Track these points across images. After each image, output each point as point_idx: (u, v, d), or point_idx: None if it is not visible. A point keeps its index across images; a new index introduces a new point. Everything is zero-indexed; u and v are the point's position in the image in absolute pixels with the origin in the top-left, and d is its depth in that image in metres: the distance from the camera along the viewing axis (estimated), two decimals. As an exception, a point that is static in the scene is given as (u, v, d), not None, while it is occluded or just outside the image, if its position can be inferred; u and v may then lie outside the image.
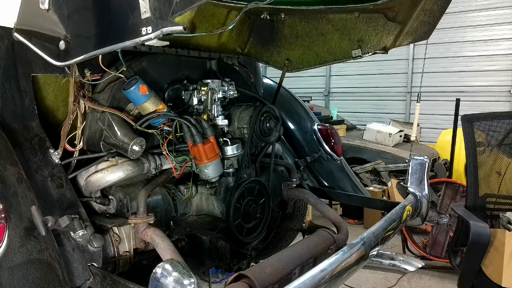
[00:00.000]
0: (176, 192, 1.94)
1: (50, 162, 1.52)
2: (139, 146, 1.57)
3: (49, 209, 1.41)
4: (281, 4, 1.87)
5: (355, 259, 1.54)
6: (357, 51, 2.06)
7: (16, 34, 1.44)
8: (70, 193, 1.51)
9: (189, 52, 1.95)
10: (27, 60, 1.52)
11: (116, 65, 1.61)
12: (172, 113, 1.68)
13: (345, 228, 1.91)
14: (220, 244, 1.82)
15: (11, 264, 1.23)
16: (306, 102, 4.37)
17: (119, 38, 1.09)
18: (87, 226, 1.44)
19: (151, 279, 1.05)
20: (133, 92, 1.55)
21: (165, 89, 1.80)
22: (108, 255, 1.59)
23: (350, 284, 3.27)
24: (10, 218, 1.26)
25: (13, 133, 1.48)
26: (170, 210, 1.90)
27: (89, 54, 1.19)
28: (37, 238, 1.29)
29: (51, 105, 1.67)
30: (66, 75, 1.58)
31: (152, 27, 1.00)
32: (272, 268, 1.38)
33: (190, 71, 1.90)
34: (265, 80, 2.86)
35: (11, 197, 1.30)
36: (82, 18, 1.22)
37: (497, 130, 2.41)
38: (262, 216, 2.14)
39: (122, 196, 1.70)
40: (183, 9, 0.94)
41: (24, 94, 1.53)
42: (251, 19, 2.24)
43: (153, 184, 1.73)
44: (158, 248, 1.54)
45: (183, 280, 1.01)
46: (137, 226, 1.67)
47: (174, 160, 1.76)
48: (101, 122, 1.60)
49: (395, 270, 3.65)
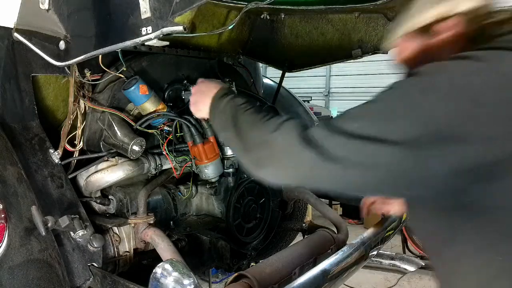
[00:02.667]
0: (176, 192, 1.94)
1: (50, 162, 1.52)
2: (139, 146, 1.57)
3: (49, 209, 1.41)
4: (281, 4, 1.86)
5: (355, 259, 1.55)
6: (357, 51, 2.06)
7: (16, 34, 1.44)
8: (70, 193, 1.52)
9: (189, 52, 1.95)
10: (27, 60, 1.52)
11: (116, 65, 1.61)
12: (172, 113, 1.68)
13: (345, 228, 1.91)
14: (220, 244, 1.82)
15: (11, 264, 1.23)
16: (306, 102, 4.37)
17: (119, 38, 1.09)
18: (87, 226, 1.44)
19: (151, 279, 1.05)
20: (133, 92, 1.55)
21: (165, 89, 1.80)
22: (108, 255, 1.59)
23: (350, 284, 3.27)
24: (10, 218, 1.26)
25: (13, 133, 1.48)
26: (170, 210, 1.90)
27: (89, 54, 1.18)
28: (37, 238, 1.29)
29: (51, 105, 1.67)
30: (66, 75, 1.57)
31: (152, 27, 1.00)
32: (272, 268, 1.38)
33: (190, 71, 1.90)
34: (265, 80, 2.86)
35: (11, 197, 1.30)
36: (82, 18, 1.22)
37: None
38: (262, 216, 2.14)
39: (122, 196, 1.70)
40: (183, 9, 0.94)
41: (24, 94, 1.52)
42: (251, 19, 2.24)
43: (153, 184, 1.73)
44: (158, 248, 1.54)
45: (183, 280, 1.01)
46: (137, 226, 1.67)
47: (174, 160, 1.76)
48: (101, 122, 1.60)
49: (395, 270, 3.67)
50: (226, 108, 1.08)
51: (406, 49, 1.00)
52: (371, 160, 0.76)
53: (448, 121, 0.71)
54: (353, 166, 0.77)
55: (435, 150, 0.71)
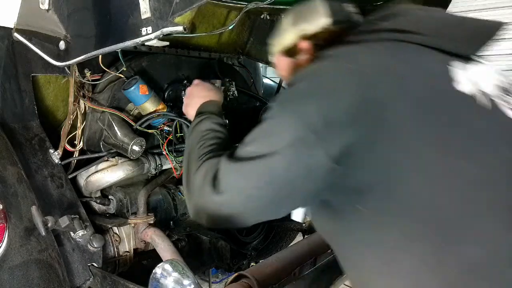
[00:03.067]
0: (176, 192, 1.94)
1: (50, 162, 1.52)
2: (139, 146, 1.57)
3: (49, 209, 1.41)
4: (281, 4, 1.86)
5: (355, 259, 1.54)
6: (357, 51, 2.06)
7: (16, 34, 1.44)
8: (70, 193, 1.52)
9: (189, 52, 1.95)
10: (27, 60, 1.52)
11: (116, 65, 1.61)
12: (172, 113, 1.68)
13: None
14: (220, 244, 1.82)
15: (11, 264, 1.23)
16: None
17: (119, 38, 1.09)
18: (87, 226, 1.44)
19: (151, 279, 1.05)
20: (133, 92, 1.55)
21: (165, 89, 1.80)
22: (108, 255, 1.59)
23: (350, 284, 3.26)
24: (10, 218, 1.26)
25: (13, 133, 1.48)
26: (170, 210, 1.90)
27: (89, 54, 1.18)
28: (37, 238, 1.29)
29: (51, 105, 1.67)
30: (66, 75, 1.57)
31: (152, 27, 1.00)
32: (272, 268, 1.38)
33: (190, 71, 1.90)
34: (265, 80, 2.86)
35: (11, 197, 1.30)
36: (82, 18, 1.22)
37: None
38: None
39: (122, 196, 1.70)
40: (183, 9, 0.94)
41: (24, 94, 1.53)
42: (251, 19, 2.24)
43: (153, 184, 1.73)
44: (158, 248, 1.55)
45: (183, 280, 1.01)
46: (137, 226, 1.67)
47: (174, 160, 1.76)
48: (101, 122, 1.60)
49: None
50: (192, 132, 1.11)
51: (281, 65, 1.12)
52: (266, 176, 0.79)
53: (315, 117, 0.76)
54: (252, 188, 0.80)
55: (314, 146, 0.75)
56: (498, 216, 0.71)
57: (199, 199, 0.88)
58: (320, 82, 0.82)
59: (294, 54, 1.07)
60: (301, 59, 1.06)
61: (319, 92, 0.80)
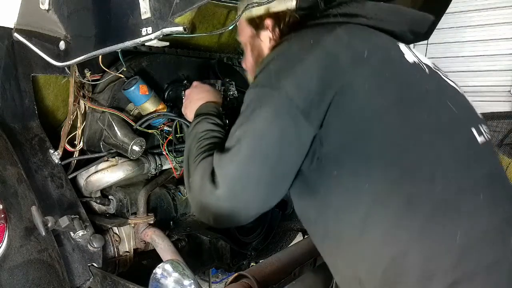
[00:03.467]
0: (176, 192, 1.94)
1: (50, 162, 1.52)
2: (139, 146, 1.57)
3: (49, 209, 1.41)
4: (281, 4, 1.86)
5: (355, 259, 1.54)
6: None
7: (16, 34, 1.44)
8: (70, 193, 1.52)
9: (189, 52, 1.95)
10: (27, 60, 1.52)
11: (116, 65, 1.61)
12: (172, 113, 1.68)
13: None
14: (220, 244, 1.82)
15: (11, 264, 1.23)
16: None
17: (119, 38, 1.09)
18: (87, 226, 1.44)
19: (151, 280, 1.05)
20: (133, 92, 1.55)
21: (165, 89, 1.79)
22: (108, 255, 1.59)
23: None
24: (10, 218, 1.26)
25: (13, 133, 1.48)
26: (170, 210, 1.90)
27: (89, 55, 1.18)
28: (37, 239, 1.29)
29: (51, 105, 1.67)
30: (66, 75, 1.57)
31: (152, 27, 1.00)
32: (272, 268, 1.38)
33: (190, 71, 1.90)
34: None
35: (11, 197, 1.30)
36: (82, 18, 1.22)
37: (497, 130, 2.41)
38: (262, 216, 2.14)
39: (122, 196, 1.70)
40: (183, 10, 0.94)
41: (24, 94, 1.52)
42: (251, 19, 2.24)
43: (153, 184, 1.73)
44: (158, 248, 1.55)
45: (183, 280, 1.01)
46: (137, 226, 1.67)
47: (174, 160, 1.76)
48: (101, 122, 1.60)
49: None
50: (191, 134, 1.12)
51: (243, 32, 1.16)
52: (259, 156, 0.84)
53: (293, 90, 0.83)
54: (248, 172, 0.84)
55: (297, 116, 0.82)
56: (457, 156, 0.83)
57: (201, 198, 0.90)
58: (288, 58, 0.89)
59: (258, 27, 1.11)
60: (261, 40, 1.10)
61: (290, 66, 0.86)
